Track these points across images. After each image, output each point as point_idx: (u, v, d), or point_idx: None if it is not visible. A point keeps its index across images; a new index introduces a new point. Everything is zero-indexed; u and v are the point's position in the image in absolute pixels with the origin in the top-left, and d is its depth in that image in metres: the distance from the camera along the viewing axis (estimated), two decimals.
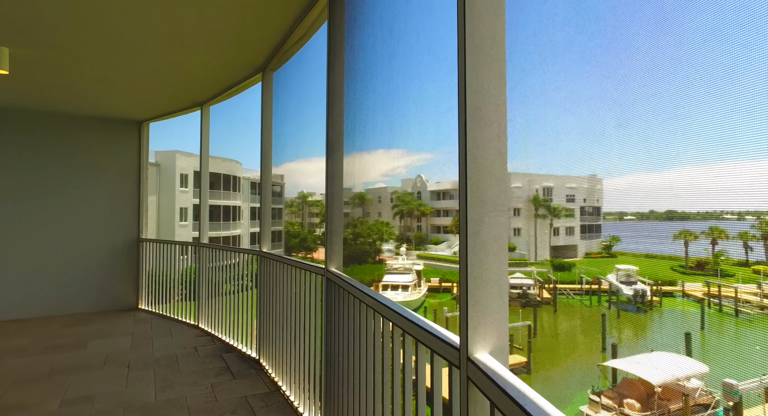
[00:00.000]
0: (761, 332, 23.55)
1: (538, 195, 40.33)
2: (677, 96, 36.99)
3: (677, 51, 37.33)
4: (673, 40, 36.30)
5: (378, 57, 2.57)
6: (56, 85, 5.52)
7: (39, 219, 6.91)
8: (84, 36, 3.97)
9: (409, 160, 58.76)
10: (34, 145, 6.93)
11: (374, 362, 2.11)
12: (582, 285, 32.43)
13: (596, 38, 42.44)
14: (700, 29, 33.04)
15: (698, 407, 14.04)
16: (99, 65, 4.76)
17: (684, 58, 36.59)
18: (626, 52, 41.08)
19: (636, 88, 40.18)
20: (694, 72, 33.70)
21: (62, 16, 3.56)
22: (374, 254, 41.27)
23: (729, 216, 37.39)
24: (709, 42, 32.89)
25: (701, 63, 32.52)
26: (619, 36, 39.91)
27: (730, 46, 27.22)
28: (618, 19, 39.32)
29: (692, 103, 36.02)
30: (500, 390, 1.09)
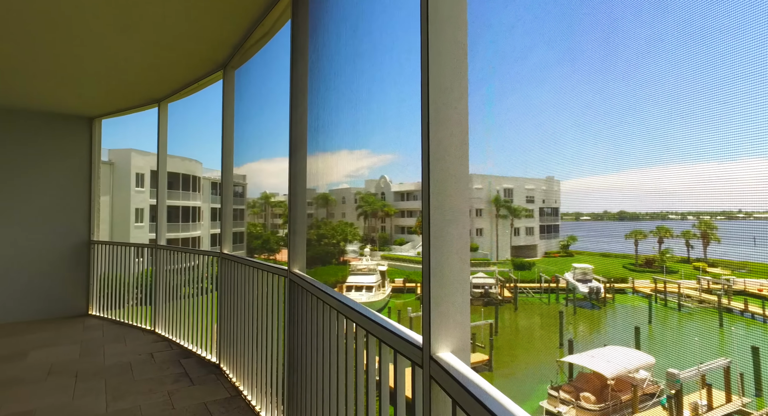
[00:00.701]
0: (700, 324, 25.16)
1: (499, 196, 41.41)
2: (624, 103, 38.89)
3: (625, 60, 39.31)
4: (621, 50, 38.19)
5: (342, 56, 2.56)
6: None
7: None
8: (29, 24, 3.73)
9: (373, 160, 58.91)
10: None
11: (338, 363, 2.09)
12: (541, 284, 33.56)
13: (553, 46, 44.11)
14: (645, 41, 34.81)
15: (645, 396, 14.82)
16: (46, 56, 4.49)
17: (631, 67, 38.51)
18: (580, 60, 42.91)
19: (587, 95, 42.03)
20: (639, 80, 35.48)
21: (3, 1, 3.33)
22: (338, 255, 41.07)
23: (673, 217, 39.79)
24: (652, 54, 34.55)
25: (646, 73, 34.23)
26: (575, 45, 41.65)
27: (671, 59, 28.77)
28: (573, 29, 41.01)
29: (637, 109, 37.92)
30: (462, 388, 1.11)
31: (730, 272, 31.49)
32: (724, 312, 25.28)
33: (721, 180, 34.34)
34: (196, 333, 5.19)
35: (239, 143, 4.68)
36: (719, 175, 34.48)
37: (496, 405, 1.01)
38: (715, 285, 28.75)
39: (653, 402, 14.51)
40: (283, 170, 6.51)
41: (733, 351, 19.25)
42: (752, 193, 34.22)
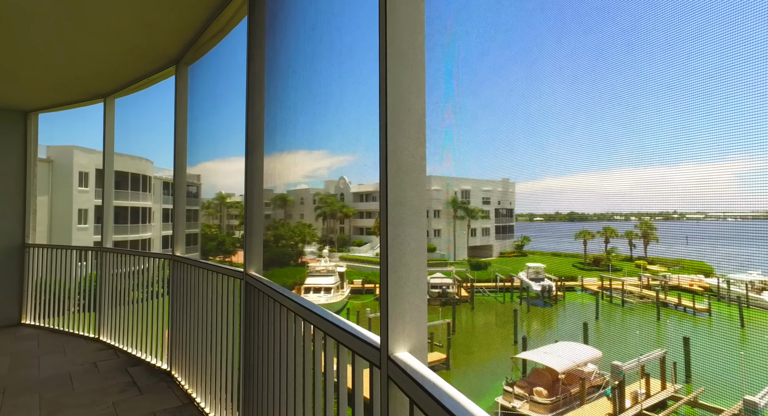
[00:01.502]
0: (640, 318, 26.79)
1: (457, 197, 42.27)
2: (573, 108, 40.80)
3: (575, 68, 41.22)
4: (571, 57, 40.01)
5: (300, 55, 2.53)
6: None
7: None
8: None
9: (332, 161, 58.54)
10: None
11: (295, 366, 2.06)
12: (497, 283, 34.53)
13: (507, 49, 45.62)
14: (593, 49, 36.62)
15: (593, 388, 15.60)
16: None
17: (580, 75, 40.34)
18: (535, 65, 44.62)
19: (539, 101, 43.87)
20: (587, 88, 37.20)
21: None
22: (296, 256, 40.48)
23: (618, 218, 42.14)
24: (598, 62, 36.25)
25: (594, 80, 35.92)
26: (527, 50, 43.30)
27: (614, 68, 30.30)
28: (526, 34, 42.61)
29: (585, 114, 39.84)
30: (419, 388, 1.13)
31: (667, 269, 33.75)
32: (661, 306, 27.03)
33: (659, 183, 36.72)
34: (145, 340, 4.95)
35: (193, 142, 4.52)
36: (658, 179, 36.82)
37: (453, 403, 1.03)
38: (654, 282, 30.71)
39: (599, 393, 15.29)
40: (239, 170, 6.45)
41: (668, 343, 20.62)
42: (685, 196, 36.79)
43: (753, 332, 23.31)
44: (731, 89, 30.65)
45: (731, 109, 29.09)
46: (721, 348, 20.78)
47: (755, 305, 25.35)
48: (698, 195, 35.00)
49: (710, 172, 35.90)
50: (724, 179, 37.20)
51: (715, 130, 35.12)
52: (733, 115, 28.19)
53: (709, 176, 35.23)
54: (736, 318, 24.42)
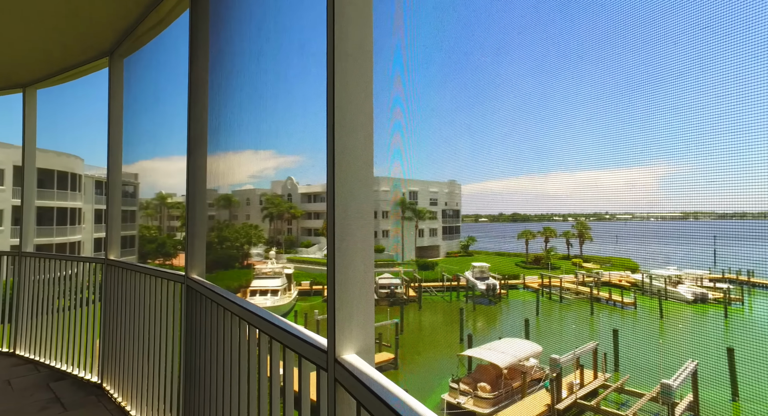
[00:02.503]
0: (576, 313, 28.50)
1: (405, 198, 42.82)
2: (513, 113, 42.69)
3: (515, 75, 43.09)
4: (512, 65, 41.76)
5: (246, 53, 2.46)
6: None
7: None
8: None
9: (279, 161, 57.34)
10: None
11: (239, 371, 2.00)
12: (443, 283, 35.33)
13: (453, 54, 46.96)
14: (532, 59, 38.37)
15: (533, 381, 16.38)
16: None
17: (518, 82, 42.23)
18: (475, 75, 46.25)
19: (479, 106, 45.58)
20: (523, 95, 38.95)
21: None
22: (242, 258, 39.26)
23: (557, 218, 44.46)
24: (535, 70, 38.05)
25: (531, 88, 37.65)
26: (468, 58, 44.82)
27: (551, 76, 31.93)
28: (469, 41, 44.11)
29: (524, 120, 41.83)
30: (366, 389, 1.13)
31: (599, 266, 36.15)
32: (594, 301, 28.89)
33: (592, 186, 39.27)
34: (72, 352, 4.59)
35: (130, 139, 4.26)
36: (591, 182, 39.37)
37: (399, 404, 1.05)
38: (588, 279, 32.77)
39: (539, 386, 16.07)
40: (181, 169, 6.14)
41: (599, 335, 22.08)
42: (616, 198, 39.52)
43: (669, 322, 25.53)
44: (654, 101, 33.36)
45: (653, 119, 31.62)
46: (643, 338, 22.56)
47: (672, 297, 27.78)
48: (626, 197, 37.74)
49: (636, 176, 38.88)
50: (647, 183, 40.21)
51: (639, 137, 37.99)
52: (655, 124, 30.64)
53: (635, 180, 38.07)
54: (656, 310, 26.60)
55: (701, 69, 28.79)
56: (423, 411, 1.00)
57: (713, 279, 30.15)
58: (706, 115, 29.90)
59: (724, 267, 31.70)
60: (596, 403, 14.40)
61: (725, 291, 27.05)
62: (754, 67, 23.81)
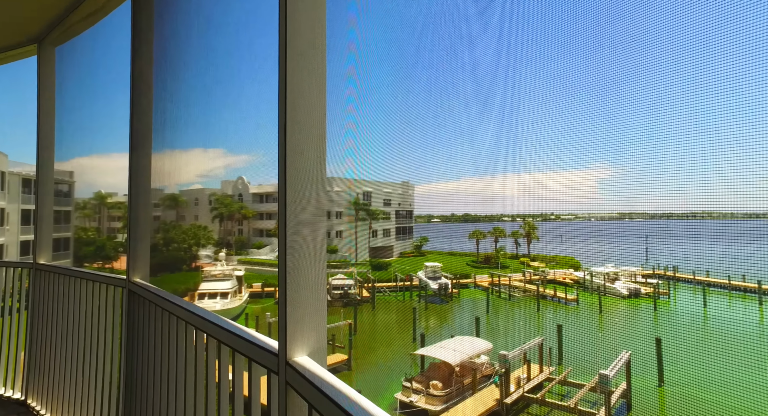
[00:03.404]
0: (524, 310, 29.71)
1: (359, 199, 42.81)
2: (462, 116, 43.86)
3: (462, 78, 44.34)
4: (456, 68, 42.95)
5: (194, 48, 2.37)
6: None
7: None
8: None
9: (229, 160, 55.50)
10: None
11: (186, 378, 1.92)
12: (397, 283, 35.63)
13: (405, 55, 47.63)
14: (473, 64, 39.50)
15: (484, 378, 16.88)
16: None
17: (465, 85, 43.39)
18: (426, 74, 47.20)
19: (427, 107, 46.57)
20: (469, 98, 40.04)
21: None
22: (190, 261, 37.67)
23: (506, 219, 46.06)
24: (478, 75, 39.17)
25: (477, 91, 38.74)
26: (419, 58, 45.68)
27: (494, 80, 33.03)
28: (418, 43, 44.96)
29: (473, 123, 43.07)
30: (318, 391, 1.12)
31: (545, 265, 37.88)
32: (540, 298, 30.23)
33: (539, 188, 41.03)
34: None
35: (64, 134, 3.97)
36: (538, 184, 41.12)
37: (351, 405, 1.05)
38: (535, 277, 34.24)
39: (489, 382, 16.58)
40: (123, 167, 5.64)
41: (545, 331, 23.15)
42: (560, 199, 41.57)
43: (607, 316, 27.21)
44: (593, 108, 35.35)
45: (593, 125, 33.44)
46: (584, 332, 23.88)
47: (610, 293, 29.63)
48: (569, 198, 39.76)
49: (578, 179, 41.09)
50: (588, 185, 42.58)
51: (581, 142, 40.15)
52: (595, 130, 32.45)
53: (577, 182, 40.23)
54: (596, 305, 28.25)
55: (636, 79, 30.90)
56: (375, 411, 1.01)
57: (645, 275, 32.45)
58: (639, 123, 32.11)
59: (654, 264, 34.22)
60: (541, 396, 15.07)
61: (655, 285, 29.20)
62: (679, 80, 25.83)
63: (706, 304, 26.78)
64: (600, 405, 13.73)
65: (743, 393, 15.41)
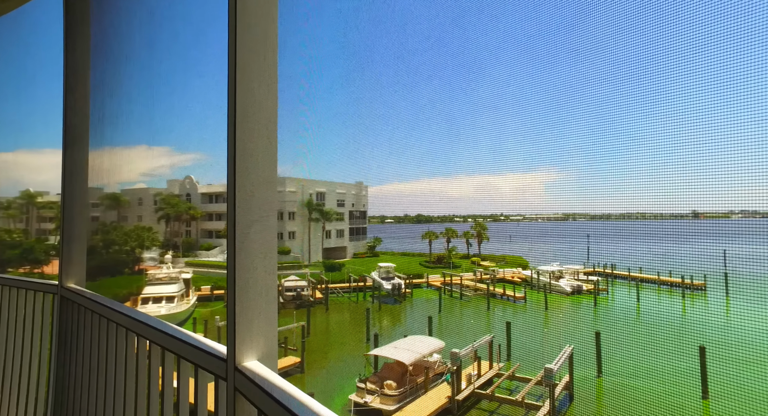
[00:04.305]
0: (475, 309, 30.58)
1: (312, 199, 42.31)
2: (412, 118, 44.62)
3: (413, 81, 45.09)
4: (407, 71, 43.69)
5: (136, 40, 2.24)
6: None
7: None
8: None
9: (177, 159, 53.04)
10: None
11: (126, 388, 1.82)
12: (350, 284, 35.53)
13: (356, 57, 47.81)
14: (429, 66, 40.28)
15: (436, 376, 17.19)
16: None
17: (416, 88, 44.16)
18: (376, 78, 47.71)
19: (381, 109, 47.10)
20: (422, 101, 40.83)
21: None
22: (133, 263, 35.68)
23: (458, 219, 47.14)
24: (433, 77, 40.00)
25: (425, 94, 39.48)
26: (370, 61, 46.11)
27: (446, 84, 33.80)
28: (369, 44, 45.39)
29: (422, 125, 43.87)
30: (267, 396, 1.10)
31: (495, 264, 39.16)
32: (490, 297, 31.21)
33: (489, 189, 42.41)
34: None
35: None
36: (488, 185, 42.48)
37: (302, 409, 1.03)
38: (485, 276, 35.28)
39: (441, 380, 16.90)
40: (56, 164, 5.14)
41: (494, 328, 23.95)
42: (509, 201, 43.16)
43: (553, 312, 28.57)
44: (538, 112, 37.04)
45: (539, 129, 34.99)
46: (532, 329, 24.93)
47: (555, 290, 31.13)
48: (518, 200, 41.41)
49: (525, 181, 42.80)
50: (535, 187, 44.50)
51: (528, 146, 41.88)
52: (541, 134, 33.95)
53: (524, 184, 41.92)
54: (542, 303, 29.57)
55: (578, 89, 32.69)
56: (325, 413, 1.01)
57: (586, 273, 34.35)
58: (582, 130, 33.99)
59: (594, 262, 36.33)
60: (491, 391, 15.56)
61: (595, 283, 30.98)
62: (617, 93, 27.61)
63: (639, 299, 28.76)
64: (545, 397, 14.37)
65: (669, 379, 16.76)
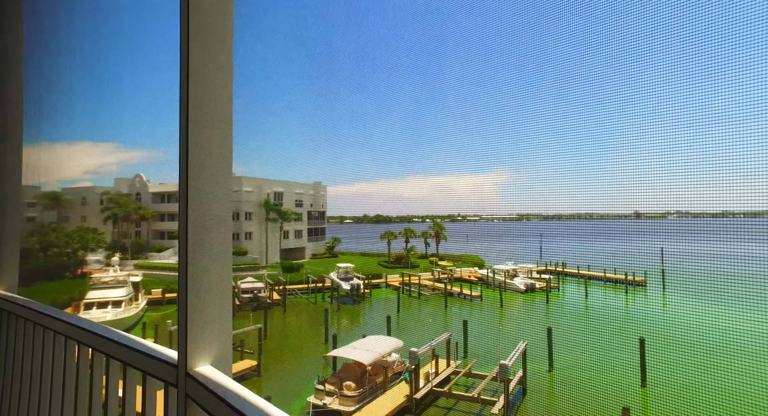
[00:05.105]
0: (433, 308, 31.07)
1: (270, 199, 41.48)
2: (374, 121, 44.83)
3: (372, 80, 45.29)
4: (370, 72, 43.71)
5: (77, 31, 2.11)
6: None
7: None
8: None
9: (125, 156, 50.42)
10: None
11: (63, 400, 1.71)
12: (309, 285, 35.14)
13: (314, 56, 47.39)
14: (386, 69, 40.44)
15: (395, 375, 17.31)
16: None
17: (374, 87, 44.34)
18: (333, 77, 47.51)
19: (340, 108, 47.05)
20: (381, 101, 41.09)
21: None
22: (75, 267, 33.59)
23: (416, 219, 47.66)
24: (392, 77, 40.25)
25: (387, 93, 39.74)
26: (329, 60, 45.89)
27: (409, 85, 34.20)
28: (328, 45, 45.18)
29: (382, 125, 44.14)
30: (221, 402, 1.07)
31: (452, 263, 39.95)
32: (448, 296, 31.79)
33: (447, 190, 43.22)
34: None
35: None
36: (447, 186, 43.29)
37: (256, 412, 1.01)
38: (443, 275, 35.90)
39: (400, 379, 17.03)
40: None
41: (451, 326, 24.44)
42: (466, 201, 44.22)
43: (508, 310, 29.51)
44: (491, 114, 38.13)
45: (492, 132, 36.05)
46: (487, 326, 25.62)
47: (510, 289, 32.17)
48: (474, 200, 42.49)
49: (481, 182, 43.95)
50: (490, 188, 45.76)
51: (484, 147, 43.00)
52: (495, 135, 34.98)
53: (480, 185, 43.05)
54: (497, 300, 30.46)
55: (529, 94, 33.98)
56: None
57: (539, 271, 35.74)
58: (533, 132, 35.33)
59: (547, 260, 37.85)
60: (448, 389, 15.85)
61: (547, 280, 32.28)
62: (565, 96, 28.91)
63: (587, 295, 30.24)
64: (500, 392, 14.80)
65: (613, 369, 17.77)
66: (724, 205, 17.70)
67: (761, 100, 14.84)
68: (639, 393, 16.18)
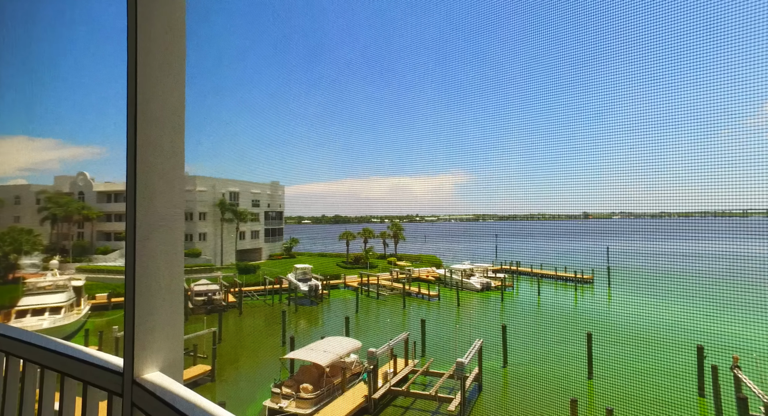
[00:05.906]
0: (391, 308, 31.26)
1: (225, 199, 40.26)
2: (332, 120, 44.70)
3: (325, 76, 45.07)
4: (325, 70, 43.52)
5: (7, 16, 1.95)
6: None
7: None
8: None
9: (68, 152, 47.24)
10: None
11: None
12: (265, 286, 34.40)
13: (267, 50, 46.56)
14: (339, 66, 40.59)
15: (353, 376, 17.24)
16: None
17: (328, 84, 44.36)
18: (289, 74, 46.87)
19: (295, 107, 46.52)
20: (338, 98, 41.04)
21: None
22: (6, 271, 31.14)
23: (375, 220, 47.81)
24: (356, 75, 40.33)
25: (342, 91, 39.89)
26: (283, 58, 45.22)
27: (363, 80, 34.31)
28: (287, 43, 44.49)
29: (339, 124, 44.11)
30: (171, 409, 1.02)
31: (411, 263, 40.35)
32: (406, 296, 32.08)
33: (405, 190, 43.64)
34: None
35: None
36: (405, 187, 43.67)
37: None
38: (402, 275, 36.18)
39: (358, 379, 16.97)
40: None
41: (410, 326, 24.69)
42: (424, 202, 44.78)
43: (465, 308, 30.16)
44: (449, 118, 38.88)
45: (445, 129, 36.98)
46: (445, 325, 26.07)
47: (466, 288, 32.89)
48: (432, 200, 43.14)
49: (438, 183, 44.71)
50: (447, 189, 46.75)
51: (442, 148, 43.72)
52: (453, 137, 35.83)
53: (438, 186, 43.76)
54: (454, 299, 31.07)
55: (485, 95, 34.88)
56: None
57: (495, 270, 36.78)
58: (488, 134, 36.31)
59: (501, 260, 39.01)
60: (406, 387, 15.97)
61: (502, 279, 33.28)
62: (521, 99, 29.93)
63: (540, 293, 31.43)
64: (457, 390, 15.08)
65: (562, 363, 18.58)
66: (662, 207, 18.93)
67: (694, 108, 16.01)
68: (586, 385, 17.00)
